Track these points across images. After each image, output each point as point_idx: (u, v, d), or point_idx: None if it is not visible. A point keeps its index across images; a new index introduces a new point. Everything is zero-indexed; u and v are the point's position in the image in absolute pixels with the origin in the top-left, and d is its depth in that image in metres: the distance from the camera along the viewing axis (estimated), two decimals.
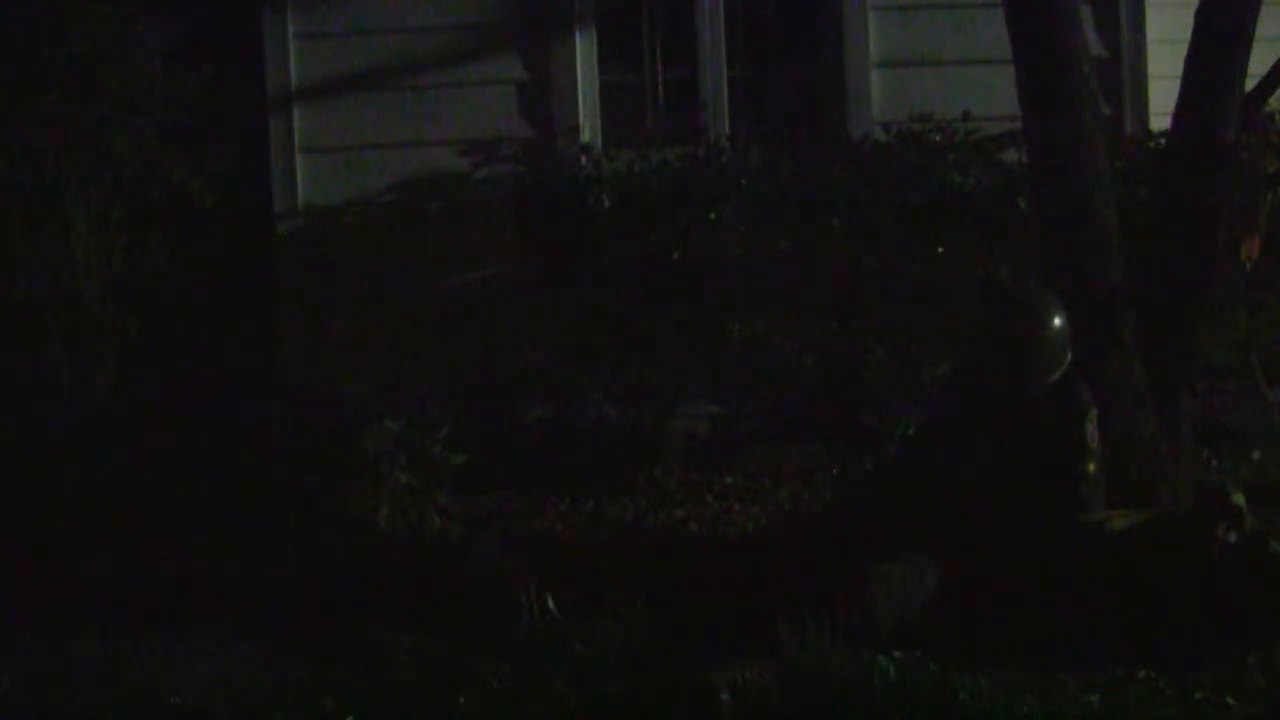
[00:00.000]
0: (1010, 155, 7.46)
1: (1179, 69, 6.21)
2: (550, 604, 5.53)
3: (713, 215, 7.50)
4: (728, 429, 7.48)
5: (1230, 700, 4.73)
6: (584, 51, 7.84)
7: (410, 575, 5.79)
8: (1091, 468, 5.49)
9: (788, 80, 8.11)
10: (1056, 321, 5.58)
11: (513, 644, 5.30)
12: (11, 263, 6.69)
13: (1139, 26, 7.77)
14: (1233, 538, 5.21)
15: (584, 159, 7.72)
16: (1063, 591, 5.20)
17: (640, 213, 7.54)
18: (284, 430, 6.59)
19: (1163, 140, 6.94)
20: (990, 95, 7.33)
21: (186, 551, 6.00)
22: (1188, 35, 6.17)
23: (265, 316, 7.76)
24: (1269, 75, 6.30)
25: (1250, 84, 6.23)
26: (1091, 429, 5.50)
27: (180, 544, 6.05)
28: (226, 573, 5.85)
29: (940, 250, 7.47)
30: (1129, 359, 6.00)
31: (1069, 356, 5.58)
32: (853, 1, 7.80)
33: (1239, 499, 5.29)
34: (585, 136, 7.80)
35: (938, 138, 7.63)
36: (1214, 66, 6.11)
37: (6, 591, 5.68)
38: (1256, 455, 7.10)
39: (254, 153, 7.66)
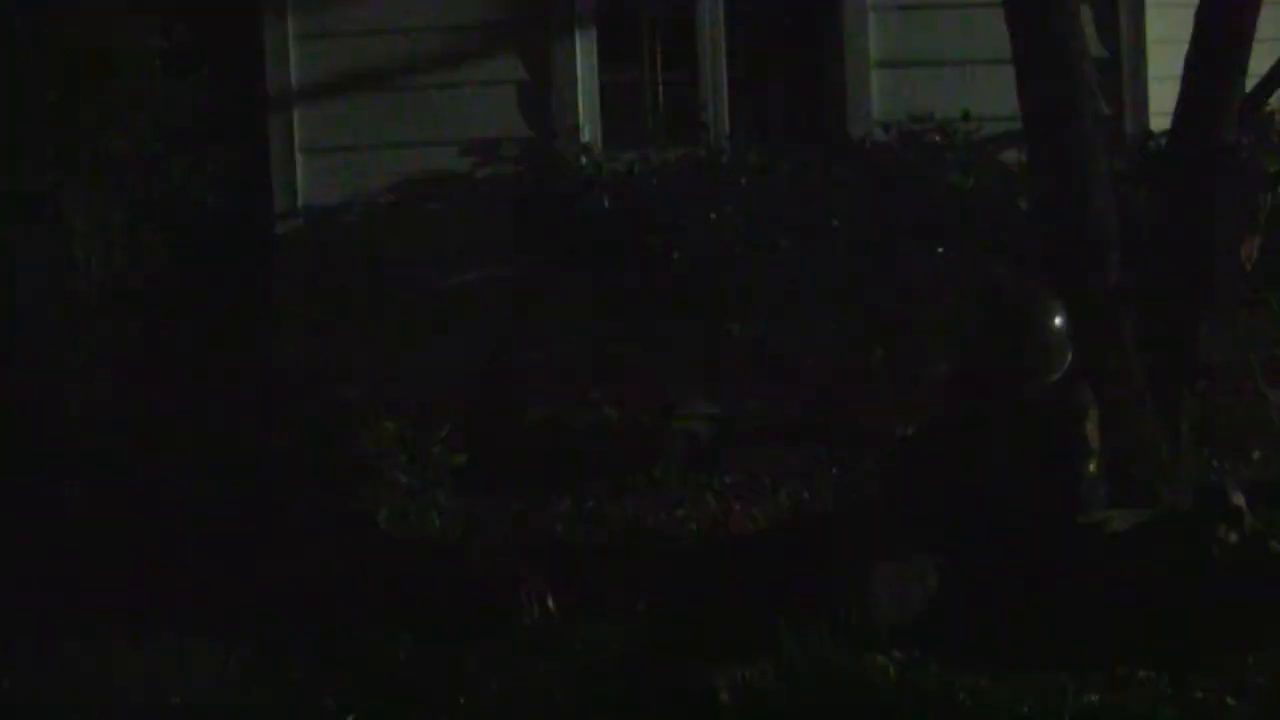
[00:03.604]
0: (1010, 155, 7.45)
1: (1179, 69, 6.21)
2: (550, 604, 5.52)
3: (713, 215, 7.50)
4: (728, 429, 7.47)
5: (1230, 700, 4.72)
6: (584, 51, 7.84)
7: (410, 575, 5.79)
8: (1092, 468, 5.48)
9: (788, 80, 8.11)
10: (1056, 321, 5.58)
11: (513, 644, 5.29)
12: (11, 263, 6.69)
13: (1139, 26, 7.77)
14: (1233, 538, 5.20)
15: (584, 159, 7.72)
16: (1063, 591, 5.19)
17: (640, 212, 7.54)
18: (284, 430, 6.59)
19: (1163, 140, 6.93)
20: (990, 95, 7.33)
21: (186, 552, 6.00)
22: (1188, 35, 6.17)
23: (265, 316, 7.76)
24: (1269, 75, 6.29)
25: (1250, 84, 6.23)
26: (1091, 429, 5.49)
27: (180, 544, 6.05)
28: (226, 573, 5.84)
29: (940, 250, 7.46)
30: (1129, 359, 6.00)
31: (1069, 356, 5.57)
32: (853, 1, 7.79)
33: (1239, 499, 5.27)
34: (585, 136, 7.80)
35: (938, 138, 7.63)
36: (1214, 66, 6.11)
37: (7, 592, 5.67)
38: (1257, 455, 7.08)
39: (254, 153, 7.66)
